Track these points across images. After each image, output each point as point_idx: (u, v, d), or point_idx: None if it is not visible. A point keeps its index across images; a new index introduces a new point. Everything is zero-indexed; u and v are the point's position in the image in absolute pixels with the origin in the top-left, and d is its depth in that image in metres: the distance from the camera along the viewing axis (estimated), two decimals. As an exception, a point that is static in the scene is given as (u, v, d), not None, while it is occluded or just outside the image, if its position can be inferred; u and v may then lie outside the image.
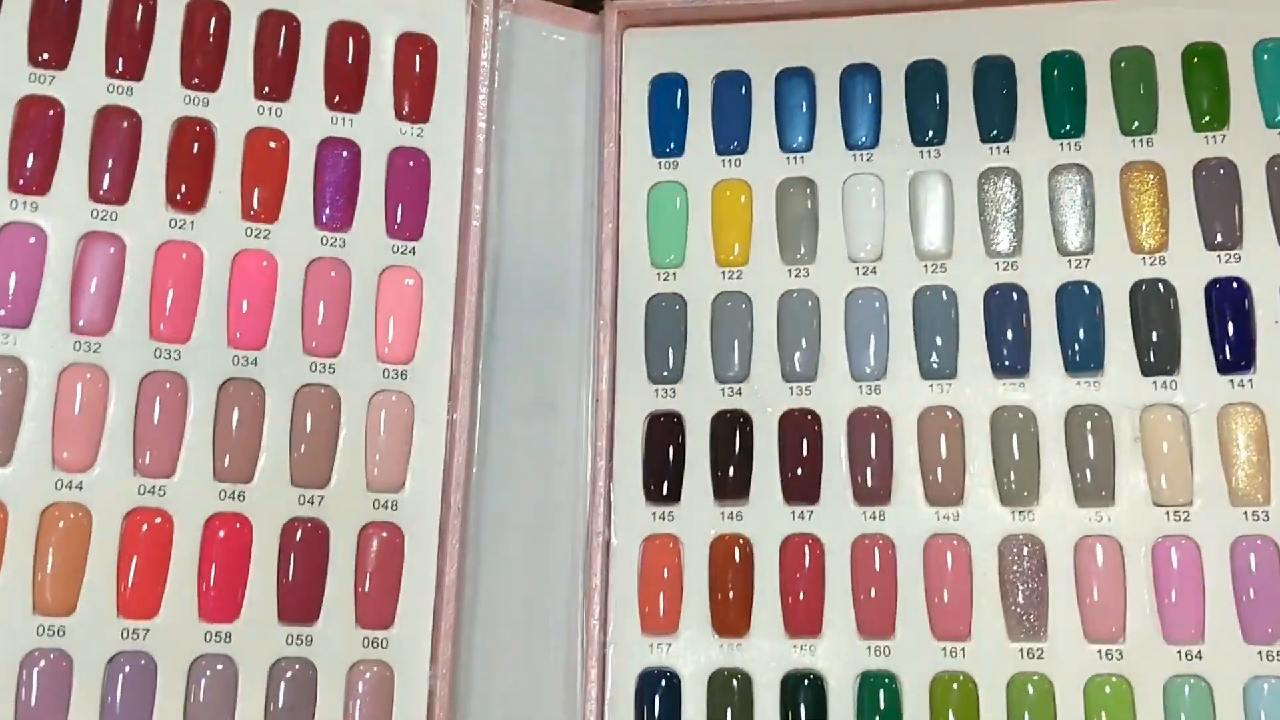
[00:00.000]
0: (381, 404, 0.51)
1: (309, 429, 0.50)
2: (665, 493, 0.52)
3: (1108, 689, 0.48)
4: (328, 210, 0.52)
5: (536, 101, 0.57)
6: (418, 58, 0.55)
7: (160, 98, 0.51)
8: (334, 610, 0.49)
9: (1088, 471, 0.50)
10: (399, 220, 0.53)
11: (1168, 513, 0.49)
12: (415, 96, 0.54)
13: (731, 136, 0.56)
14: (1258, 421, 0.49)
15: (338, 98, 0.53)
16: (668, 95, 0.57)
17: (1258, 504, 0.49)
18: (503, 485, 0.52)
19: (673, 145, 0.56)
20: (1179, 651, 0.48)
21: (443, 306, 0.52)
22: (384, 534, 0.50)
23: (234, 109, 0.52)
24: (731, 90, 0.56)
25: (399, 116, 0.54)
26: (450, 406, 0.51)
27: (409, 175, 0.53)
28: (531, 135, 0.56)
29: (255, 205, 0.51)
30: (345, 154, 0.53)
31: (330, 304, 0.51)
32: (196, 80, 0.52)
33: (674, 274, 0.54)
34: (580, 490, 0.52)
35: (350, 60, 0.54)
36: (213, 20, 0.53)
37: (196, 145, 0.51)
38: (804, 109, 0.56)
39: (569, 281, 0.55)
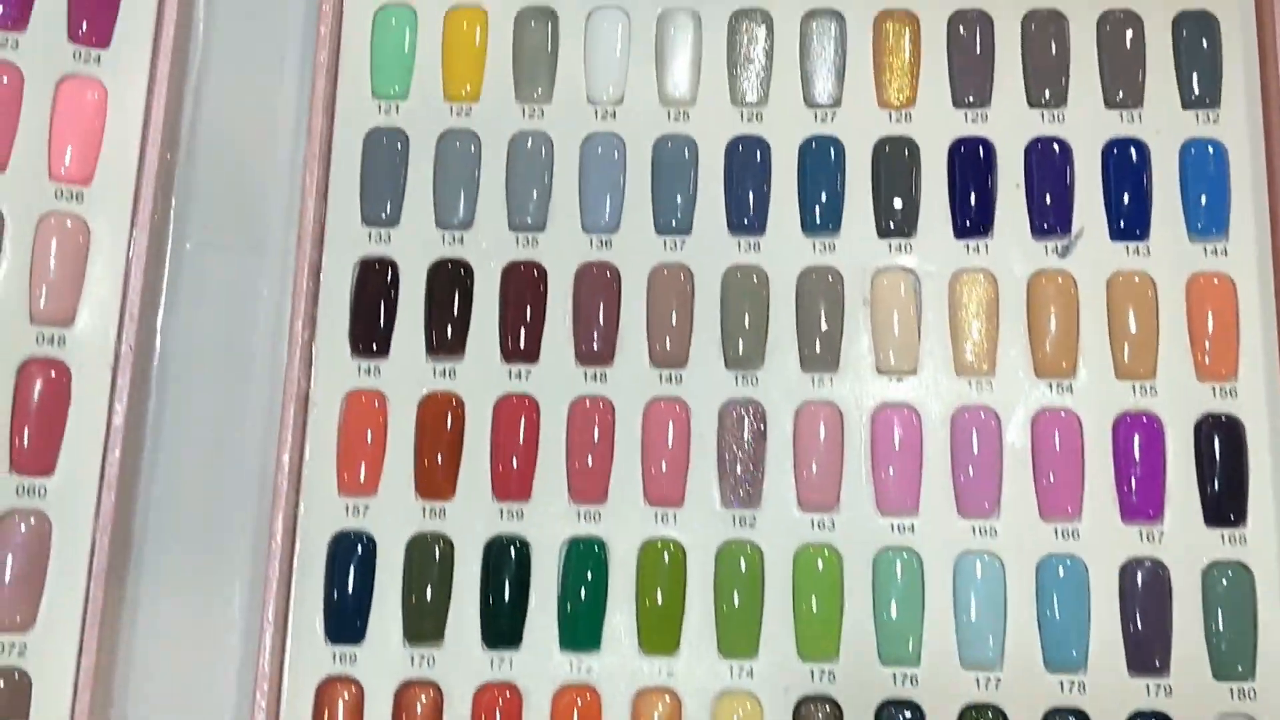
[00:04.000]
0: (54, 229, 0.46)
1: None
2: (374, 345, 0.48)
3: (819, 561, 0.46)
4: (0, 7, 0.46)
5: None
6: None
7: None
8: (-14, 455, 0.44)
9: (816, 338, 0.47)
10: (84, 25, 0.47)
11: (890, 379, 0.47)
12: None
13: (469, -38, 0.51)
14: (990, 289, 0.47)
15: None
16: (402, -86, 0.52)
17: (982, 374, 0.47)
18: (193, 326, 0.48)
19: (404, -32, 0.51)
20: (892, 524, 0.46)
21: (130, 122, 0.47)
22: (50, 373, 0.45)
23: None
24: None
25: (89, -92, 0.48)
26: (130, 234, 0.46)
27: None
28: (250, -55, 0.51)
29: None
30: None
31: (-2, 112, 0.46)
32: None
33: (397, 107, 0.50)
34: (281, 337, 0.48)
35: None
36: None
37: None
38: (552, -67, 0.51)
39: (282, 107, 0.50)
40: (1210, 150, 0.48)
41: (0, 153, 0.46)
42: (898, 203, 0.48)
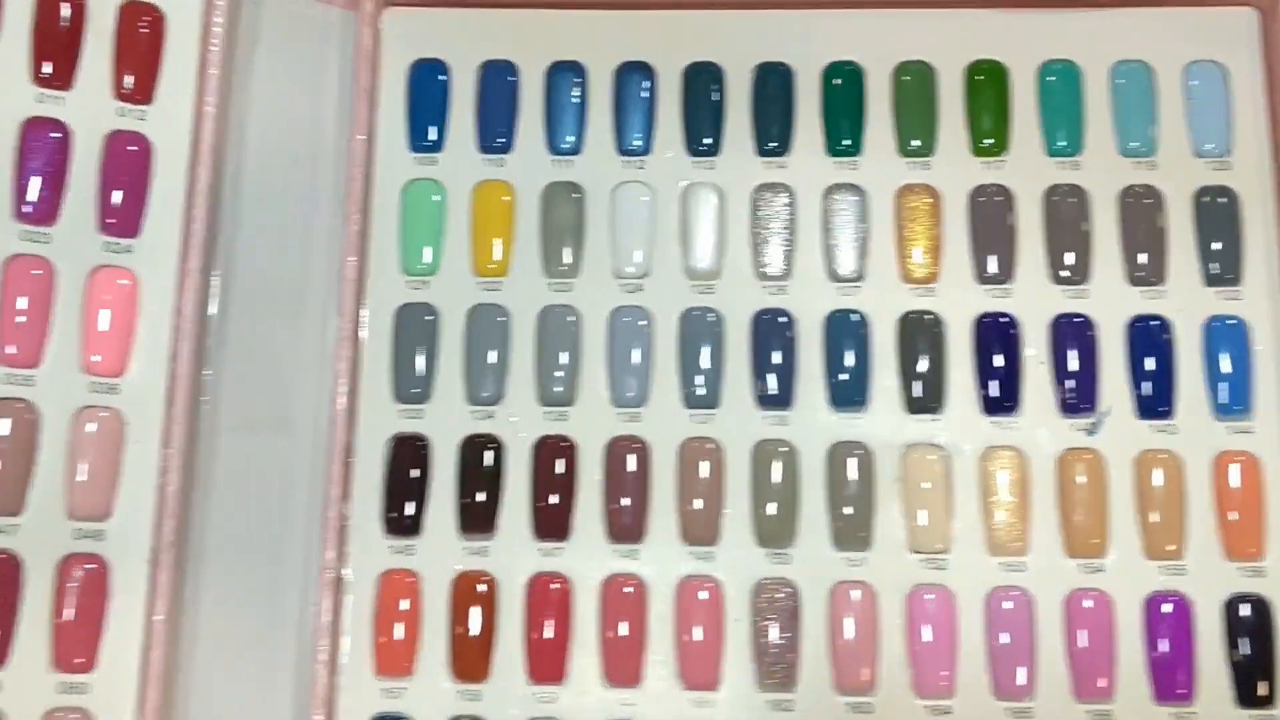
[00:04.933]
0: (88, 420, 0.46)
1: (2, 448, 0.45)
2: (406, 524, 0.48)
3: (855, 741, 0.46)
4: (31, 201, 0.46)
5: (284, 84, 0.52)
6: (143, 29, 0.49)
7: None
8: (26, 651, 0.44)
9: (848, 513, 0.48)
10: (115, 214, 0.47)
11: (924, 559, 0.47)
12: (139, 73, 0.48)
13: (496, 132, 0.52)
14: (1019, 467, 0.48)
15: (47, 70, 0.47)
16: (428, 83, 0.52)
17: (1015, 554, 0.47)
18: (227, 513, 0.48)
19: (432, 139, 0.52)
20: (928, 706, 0.46)
21: (162, 311, 0.47)
22: (88, 567, 0.45)
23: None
24: (498, 81, 0.52)
25: (119, 95, 0.48)
26: (166, 424, 0.46)
27: (128, 162, 0.48)
28: (277, 122, 0.51)
29: (-58, 193, 0.46)
30: (54, 135, 0.47)
31: (31, 307, 0.46)
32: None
33: (427, 282, 0.50)
34: (315, 518, 0.48)
35: (64, 29, 0.48)
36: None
37: None
38: (575, 106, 0.52)
39: (311, 286, 0.50)
40: (1232, 325, 0.48)
41: (33, 347, 0.46)
42: (924, 376, 0.49)
